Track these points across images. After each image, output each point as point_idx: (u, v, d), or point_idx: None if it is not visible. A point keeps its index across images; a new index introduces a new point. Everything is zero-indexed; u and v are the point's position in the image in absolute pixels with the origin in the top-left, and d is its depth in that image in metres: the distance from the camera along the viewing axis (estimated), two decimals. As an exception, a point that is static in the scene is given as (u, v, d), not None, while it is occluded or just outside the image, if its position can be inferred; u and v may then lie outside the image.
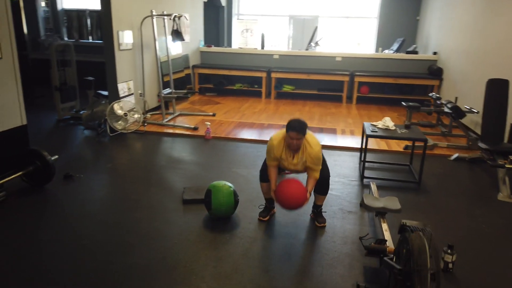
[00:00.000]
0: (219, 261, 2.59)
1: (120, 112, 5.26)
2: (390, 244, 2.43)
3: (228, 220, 3.13)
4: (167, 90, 6.14)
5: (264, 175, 3.06)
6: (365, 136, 3.98)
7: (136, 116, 5.50)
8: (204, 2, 8.77)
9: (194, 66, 8.13)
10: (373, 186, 3.40)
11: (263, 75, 7.94)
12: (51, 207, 3.30)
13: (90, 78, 6.01)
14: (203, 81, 8.45)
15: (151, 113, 6.21)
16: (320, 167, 2.92)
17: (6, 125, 3.66)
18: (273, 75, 7.90)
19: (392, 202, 2.86)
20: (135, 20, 5.73)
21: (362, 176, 4.04)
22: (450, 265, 2.51)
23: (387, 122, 4.17)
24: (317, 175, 2.92)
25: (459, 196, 3.73)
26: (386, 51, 9.04)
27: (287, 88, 8.16)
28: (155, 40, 5.73)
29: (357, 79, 7.70)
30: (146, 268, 2.49)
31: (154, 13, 5.58)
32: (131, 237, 2.85)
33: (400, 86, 7.89)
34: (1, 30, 3.49)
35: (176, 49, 7.19)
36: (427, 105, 6.06)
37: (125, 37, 5.52)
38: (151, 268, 2.49)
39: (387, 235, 2.57)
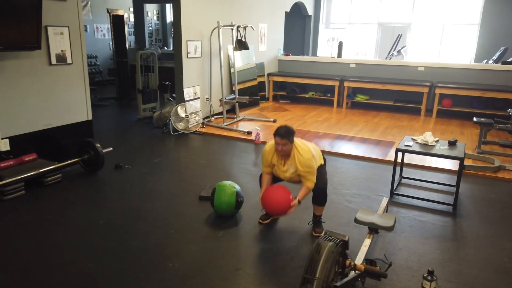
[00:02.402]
0: (200, 254, 2.77)
1: (182, 114, 5.80)
2: (359, 261, 2.32)
3: (230, 218, 3.28)
4: (231, 96, 6.51)
5: (261, 181, 3.16)
6: (395, 151, 3.74)
7: (197, 118, 5.99)
8: (287, 12, 9.00)
9: (269, 74, 8.41)
10: (384, 202, 3.20)
11: (336, 84, 7.82)
12: (93, 190, 3.88)
13: (167, 82, 6.73)
14: (279, 89, 8.67)
15: (216, 116, 6.66)
16: (313, 176, 2.89)
17: (74, 119, 4.40)
18: (346, 84, 7.73)
19: (386, 220, 2.69)
20: (206, 30, 6.24)
21: (391, 192, 3.81)
22: (429, 294, 2.28)
23: (427, 137, 3.85)
24: (309, 184, 2.90)
25: (498, 226, 3.26)
26: (485, 61, 8.10)
27: (360, 98, 7.89)
28: (220, 49, 6.16)
29: (438, 91, 7.07)
30: (136, 250, 2.80)
31: (220, 24, 6.02)
32: (141, 223, 3.20)
33: (492, 100, 7.01)
34: (74, 41, 4.23)
35: (248, 58, 7.56)
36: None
37: (194, 46, 6.06)
38: (140, 250, 2.79)
39: (362, 250, 2.44)
